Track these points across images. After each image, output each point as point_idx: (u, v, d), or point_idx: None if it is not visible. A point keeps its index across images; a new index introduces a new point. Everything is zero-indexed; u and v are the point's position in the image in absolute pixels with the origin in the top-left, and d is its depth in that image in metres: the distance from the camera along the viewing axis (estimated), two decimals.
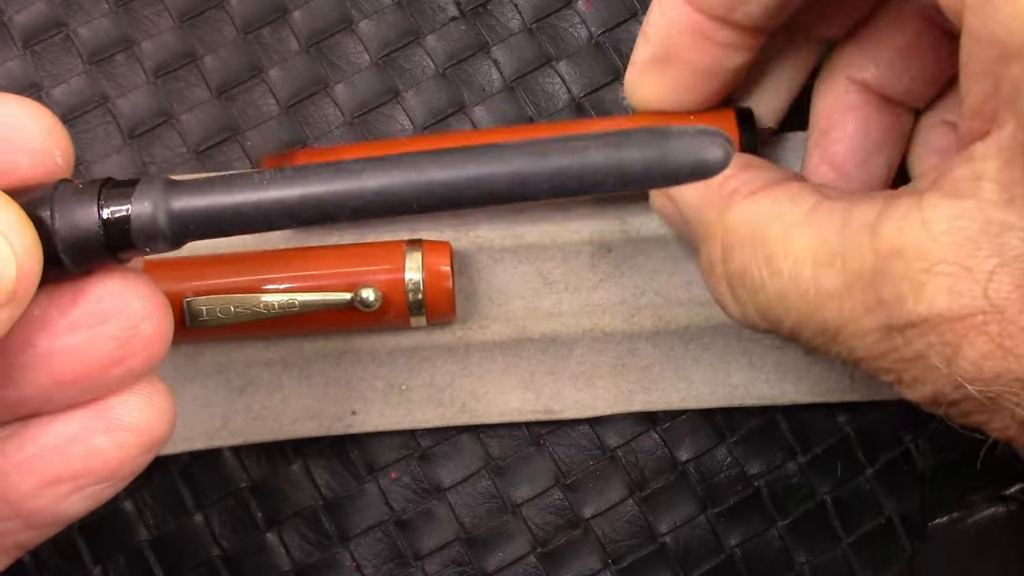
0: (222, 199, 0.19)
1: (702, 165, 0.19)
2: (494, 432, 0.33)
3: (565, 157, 0.19)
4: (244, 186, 0.19)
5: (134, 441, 0.21)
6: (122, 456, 0.21)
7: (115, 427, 0.21)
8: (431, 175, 0.19)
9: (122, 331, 0.20)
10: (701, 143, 0.19)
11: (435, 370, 0.33)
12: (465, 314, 0.33)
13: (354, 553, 0.33)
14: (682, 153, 0.19)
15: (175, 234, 0.19)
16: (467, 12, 0.36)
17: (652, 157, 0.19)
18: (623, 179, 0.19)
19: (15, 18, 0.35)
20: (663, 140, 0.19)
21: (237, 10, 0.35)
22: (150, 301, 0.21)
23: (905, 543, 0.33)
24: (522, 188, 0.19)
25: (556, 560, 0.33)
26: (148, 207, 0.19)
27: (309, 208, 0.19)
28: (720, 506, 0.33)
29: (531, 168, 0.19)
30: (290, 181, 0.19)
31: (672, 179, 0.19)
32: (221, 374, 0.33)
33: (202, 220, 0.19)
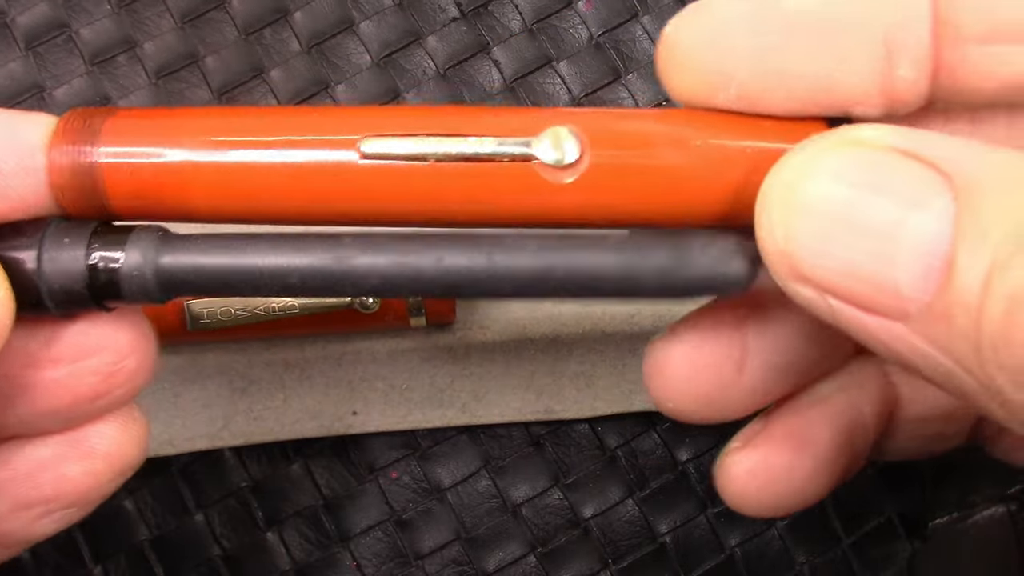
0: (217, 261, 0.18)
1: (723, 284, 0.18)
2: (494, 432, 0.34)
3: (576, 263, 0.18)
4: (241, 252, 0.18)
5: (106, 468, 0.21)
6: (92, 483, 0.21)
7: (88, 455, 0.21)
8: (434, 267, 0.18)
9: (106, 366, 0.20)
10: (724, 260, 0.18)
11: (435, 371, 0.33)
12: (465, 315, 0.33)
13: (354, 553, 0.33)
14: (702, 270, 0.18)
15: (163, 291, 0.19)
16: (468, 13, 0.36)
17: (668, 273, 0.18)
18: (636, 292, 0.18)
19: (18, 19, 0.35)
20: (683, 254, 0.18)
21: (238, 11, 0.35)
22: (135, 335, 0.20)
23: (905, 543, 0.33)
24: (525, 291, 0.18)
25: (556, 560, 0.33)
26: (138, 262, 0.18)
27: (306, 286, 0.18)
28: (720, 506, 0.33)
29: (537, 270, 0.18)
30: (291, 253, 0.18)
31: (685, 295, 0.18)
32: (222, 375, 0.33)
33: (193, 281, 0.18)
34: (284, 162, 0.19)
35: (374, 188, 0.19)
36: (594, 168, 0.18)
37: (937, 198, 0.16)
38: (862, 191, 0.16)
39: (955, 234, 0.15)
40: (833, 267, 0.17)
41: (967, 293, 0.15)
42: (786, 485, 0.21)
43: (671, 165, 0.19)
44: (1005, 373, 0.15)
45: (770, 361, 0.21)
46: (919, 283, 0.16)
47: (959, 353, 0.16)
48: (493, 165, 0.18)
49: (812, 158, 0.17)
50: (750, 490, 0.22)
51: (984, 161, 0.16)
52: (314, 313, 0.31)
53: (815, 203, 0.17)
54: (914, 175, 0.16)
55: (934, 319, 0.16)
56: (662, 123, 0.19)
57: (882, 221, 0.16)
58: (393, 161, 0.18)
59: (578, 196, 0.19)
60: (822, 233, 0.17)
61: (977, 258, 0.15)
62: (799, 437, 0.21)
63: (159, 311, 0.31)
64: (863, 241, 0.16)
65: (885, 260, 0.16)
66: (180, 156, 0.19)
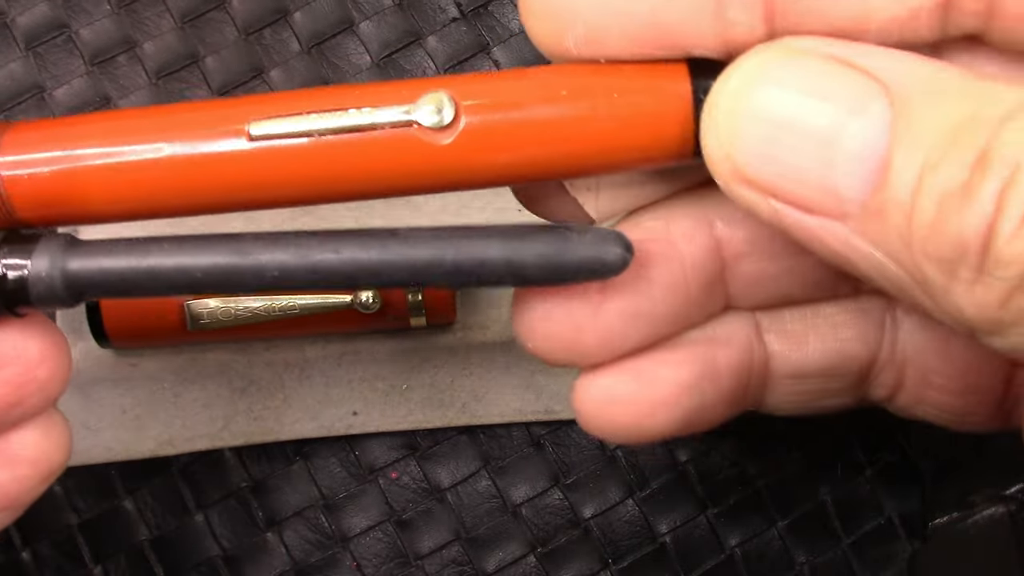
0: (122, 263, 0.19)
1: (600, 268, 0.20)
2: (494, 432, 0.34)
3: (463, 251, 0.19)
4: (146, 252, 0.19)
5: (32, 473, 0.21)
6: (19, 489, 0.21)
7: (12, 462, 0.21)
8: (331, 259, 0.19)
9: (17, 376, 0.20)
10: (600, 246, 0.19)
11: (435, 371, 0.33)
12: (465, 315, 0.33)
13: (354, 553, 0.33)
14: (580, 256, 0.19)
15: (72, 295, 0.19)
16: (468, 13, 0.36)
17: (549, 260, 0.19)
18: (521, 279, 0.20)
19: (17, 20, 0.35)
20: (562, 242, 0.19)
21: (238, 11, 0.35)
22: (45, 344, 0.21)
23: (905, 543, 0.33)
24: (419, 279, 0.20)
25: (556, 560, 0.33)
26: (45, 267, 0.19)
27: (211, 282, 0.19)
28: (720, 506, 0.33)
29: (428, 260, 0.19)
30: (193, 252, 0.19)
31: (568, 280, 0.20)
32: (222, 375, 0.33)
33: (100, 284, 0.19)
34: (176, 155, 0.19)
35: (265, 170, 0.20)
36: (470, 127, 0.19)
37: (875, 104, 0.17)
38: (804, 97, 0.18)
39: (891, 138, 0.17)
40: (776, 170, 0.18)
41: (901, 192, 0.17)
42: (623, 414, 0.23)
43: (541, 118, 0.19)
44: (932, 263, 0.17)
45: (626, 308, 0.22)
46: (857, 184, 0.17)
47: (892, 248, 0.17)
48: (376, 134, 0.19)
49: (757, 67, 0.18)
50: (593, 412, 0.23)
51: (916, 71, 0.18)
52: (314, 313, 0.31)
53: (760, 109, 0.18)
54: (853, 83, 0.18)
55: (870, 217, 0.17)
56: (530, 79, 0.20)
57: (823, 126, 0.17)
58: (281, 141, 0.19)
59: (458, 155, 0.20)
60: (766, 138, 0.18)
61: (911, 160, 0.17)
62: (644, 374, 0.23)
63: (159, 311, 0.31)
64: (805, 145, 0.18)
65: (826, 163, 0.17)
66: (76, 161, 0.19)
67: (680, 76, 0.20)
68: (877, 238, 0.17)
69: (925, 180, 0.16)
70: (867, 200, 0.17)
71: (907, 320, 0.24)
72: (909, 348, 0.24)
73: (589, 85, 0.20)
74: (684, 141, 0.20)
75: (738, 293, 0.23)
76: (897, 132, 0.17)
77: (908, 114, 0.17)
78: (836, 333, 0.24)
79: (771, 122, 0.18)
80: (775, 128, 0.18)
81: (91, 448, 0.32)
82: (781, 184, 0.18)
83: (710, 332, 0.23)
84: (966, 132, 0.16)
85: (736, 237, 0.22)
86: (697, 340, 0.23)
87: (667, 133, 0.20)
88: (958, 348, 0.23)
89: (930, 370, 0.24)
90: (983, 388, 0.24)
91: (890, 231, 0.17)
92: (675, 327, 0.23)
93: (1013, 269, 0.16)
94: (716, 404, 0.24)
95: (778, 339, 0.24)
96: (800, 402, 0.25)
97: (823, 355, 0.24)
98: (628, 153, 0.20)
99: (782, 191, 0.18)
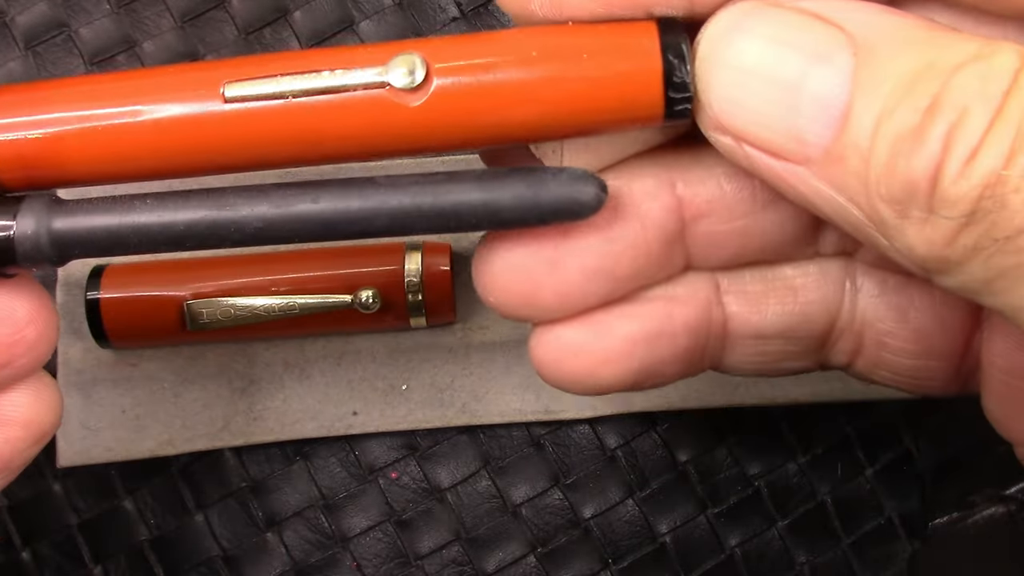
0: (106, 221, 0.19)
1: (576, 207, 0.20)
2: (494, 432, 0.34)
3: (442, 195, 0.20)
4: (129, 209, 0.19)
5: (24, 435, 0.22)
6: (12, 450, 0.22)
7: (5, 424, 0.22)
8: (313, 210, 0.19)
9: (6, 336, 0.21)
10: (574, 186, 0.20)
11: (435, 371, 0.33)
12: (465, 315, 0.33)
13: (354, 553, 0.33)
14: (555, 196, 0.20)
15: (58, 254, 0.20)
16: (467, 12, 0.36)
17: (526, 200, 0.20)
18: (499, 221, 0.20)
19: (17, 19, 0.35)
20: (537, 183, 0.20)
21: (238, 10, 0.35)
22: (33, 306, 0.21)
23: (905, 543, 0.33)
24: (398, 225, 0.20)
25: (556, 560, 0.33)
26: (31, 225, 0.19)
27: (193, 235, 0.19)
28: (720, 506, 0.33)
29: (406, 206, 0.20)
30: (175, 207, 0.19)
31: (544, 220, 0.20)
32: (222, 375, 0.33)
33: (85, 241, 0.20)
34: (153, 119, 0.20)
35: (240, 131, 0.20)
36: (440, 89, 0.20)
37: (839, 53, 0.18)
38: (772, 46, 0.19)
39: (852, 86, 0.18)
40: (746, 116, 0.19)
41: (860, 137, 0.18)
42: (577, 363, 0.23)
43: (512, 79, 0.20)
44: (887, 204, 0.18)
45: (583, 265, 0.22)
46: (819, 130, 0.18)
47: (851, 190, 0.18)
48: (349, 96, 0.20)
49: (731, 18, 0.19)
50: (547, 360, 0.23)
51: (881, 23, 0.18)
52: (314, 313, 0.31)
53: (731, 57, 0.19)
54: (819, 32, 0.18)
55: (831, 161, 0.18)
56: (500, 40, 0.20)
57: (789, 74, 0.18)
58: (256, 103, 0.20)
59: (429, 116, 0.20)
60: (736, 84, 0.19)
61: (870, 106, 0.17)
62: (599, 326, 0.23)
63: (159, 311, 0.31)
64: (772, 92, 0.19)
65: (791, 109, 0.18)
66: (56, 125, 0.20)
67: (649, 35, 0.20)
68: (838, 181, 0.18)
69: (882, 125, 0.17)
70: (829, 145, 0.18)
71: (866, 283, 0.24)
72: (868, 312, 0.24)
73: (559, 46, 0.20)
74: (653, 101, 0.20)
75: (698, 253, 0.24)
76: (859, 80, 0.18)
77: (870, 63, 0.18)
78: (796, 296, 0.24)
79: (741, 69, 0.19)
80: (744, 75, 0.19)
81: (91, 448, 0.32)
82: (750, 129, 0.19)
83: (669, 291, 0.24)
84: (922, 79, 0.17)
85: (697, 197, 0.23)
86: (655, 297, 0.24)
87: (637, 93, 0.20)
88: (916, 312, 0.24)
89: (888, 334, 0.24)
90: (941, 352, 0.24)
91: (849, 175, 0.18)
92: (634, 285, 0.23)
93: (958, 208, 0.17)
94: (671, 361, 0.24)
95: (737, 300, 0.24)
96: (759, 363, 0.26)
97: (782, 317, 0.24)
98: (598, 114, 0.20)
99: (751, 136, 0.19)
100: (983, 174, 0.16)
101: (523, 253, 0.22)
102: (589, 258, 0.22)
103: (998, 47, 0.17)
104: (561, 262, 0.22)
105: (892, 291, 0.24)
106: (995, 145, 0.16)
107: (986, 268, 0.17)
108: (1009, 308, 0.18)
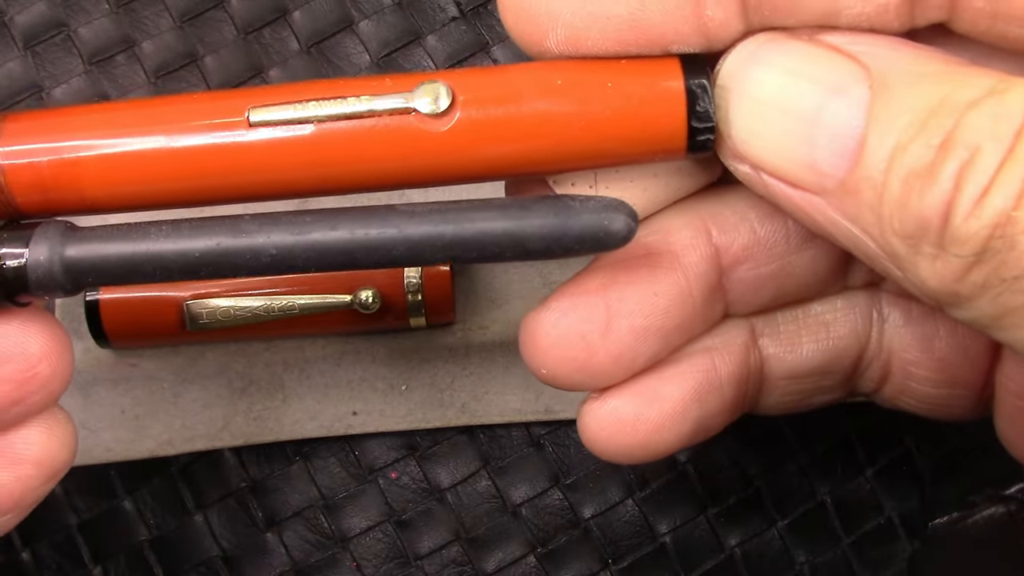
0: (120, 248, 0.19)
1: (605, 237, 0.19)
2: (494, 432, 0.33)
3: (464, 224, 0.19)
4: (143, 236, 0.19)
5: (36, 473, 0.21)
6: (23, 489, 0.21)
7: (16, 462, 0.21)
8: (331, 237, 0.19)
9: (19, 373, 0.20)
10: (604, 214, 0.19)
11: (435, 371, 0.33)
12: (465, 315, 0.33)
13: (354, 553, 0.33)
14: (584, 224, 0.19)
15: (71, 282, 0.19)
16: (467, 12, 0.36)
17: (553, 229, 0.19)
18: (524, 251, 0.19)
19: (16, 18, 0.35)
20: (565, 211, 0.19)
21: (237, 10, 0.35)
22: (47, 341, 0.20)
23: (905, 543, 0.33)
24: (418, 255, 0.19)
25: (556, 560, 0.33)
26: (44, 252, 0.19)
27: (208, 263, 0.19)
28: (720, 506, 0.33)
29: (429, 236, 0.19)
30: (190, 234, 0.19)
31: (571, 251, 0.20)
32: (222, 375, 0.33)
33: (98, 269, 0.19)
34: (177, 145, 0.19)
35: (265, 157, 0.20)
36: (466, 115, 0.20)
37: (855, 86, 0.18)
38: (790, 78, 0.19)
39: (868, 119, 0.18)
40: (764, 146, 0.19)
41: (874, 170, 0.18)
42: (631, 435, 0.23)
43: (537, 108, 0.20)
44: (899, 238, 0.18)
45: (634, 325, 0.22)
46: (835, 161, 0.18)
47: (865, 222, 0.18)
48: (374, 121, 0.20)
49: (750, 49, 0.19)
50: (601, 436, 0.23)
51: (897, 56, 0.18)
52: (314, 313, 0.31)
53: (750, 88, 0.19)
54: (836, 65, 0.19)
55: (846, 193, 0.18)
56: (527, 71, 0.20)
57: (806, 105, 0.18)
58: (281, 128, 0.19)
59: (455, 144, 0.20)
60: (755, 115, 0.19)
61: (884, 141, 0.17)
62: (648, 392, 0.23)
63: (158, 311, 0.31)
64: (789, 123, 0.19)
65: (808, 140, 0.18)
66: (76, 152, 0.19)
67: (673, 67, 0.20)
68: (852, 213, 0.18)
69: (895, 160, 0.17)
70: (844, 177, 0.18)
71: (892, 313, 0.24)
72: (895, 341, 0.24)
73: (584, 77, 0.20)
74: (677, 132, 0.20)
75: (736, 299, 0.24)
76: (874, 113, 0.18)
77: (886, 96, 0.18)
78: (828, 331, 0.24)
79: (759, 100, 0.19)
80: (763, 105, 0.19)
81: (91, 448, 0.32)
82: (769, 159, 0.19)
83: (708, 342, 0.24)
84: (936, 115, 0.17)
85: (734, 244, 0.23)
86: (696, 352, 0.23)
87: (661, 123, 0.20)
88: (941, 341, 0.24)
89: (913, 363, 0.24)
90: (965, 381, 0.24)
91: (863, 207, 0.18)
92: (681, 340, 0.23)
93: (968, 246, 0.17)
94: (719, 413, 0.24)
95: (772, 342, 0.24)
96: (794, 401, 0.26)
97: (816, 354, 0.24)
98: (622, 145, 0.20)
99: (770, 165, 0.19)
100: (993, 214, 0.16)
101: (573, 320, 0.22)
102: (638, 317, 0.22)
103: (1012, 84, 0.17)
104: (612, 324, 0.22)
105: (917, 321, 0.24)
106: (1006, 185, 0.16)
107: (995, 305, 0.17)
108: (1019, 343, 0.18)
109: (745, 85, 0.19)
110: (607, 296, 0.22)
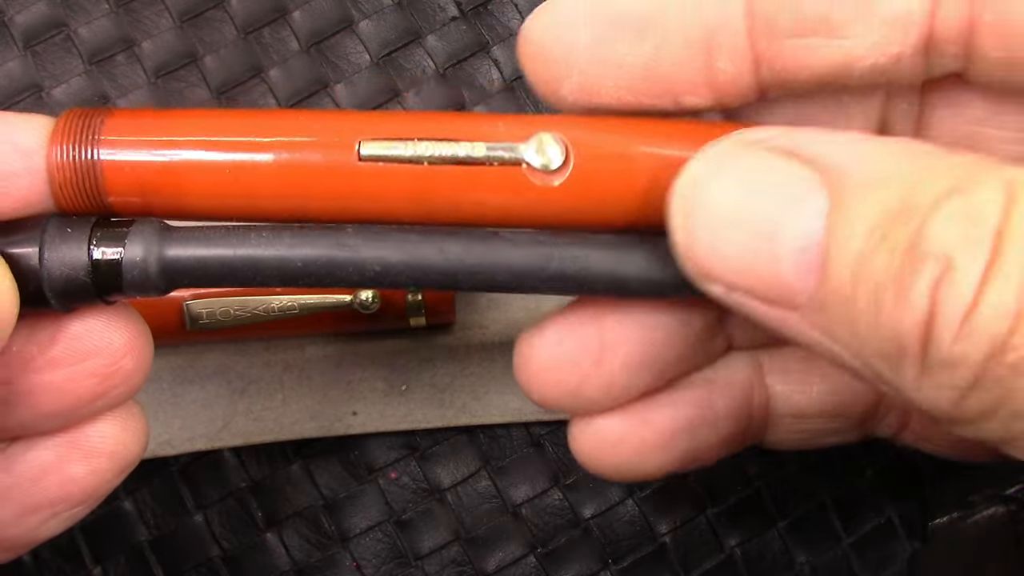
0: (219, 251, 0.19)
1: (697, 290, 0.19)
2: (494, 432, 0.33)
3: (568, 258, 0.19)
4: (243, 241, 0.19)
5: (109, 466, 0.21)
6: (97, 481, 0.21)
7: (91, 454, 0.21)
8: (435, 258, 0.19)
9: (103, 367, 0.20)
10: None
11: (435, 371, 0.33)
12: (465, 315, 0.33)
13: (354, 553, 0.33)
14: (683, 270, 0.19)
15: (167, 282, 0.19)
16: (467, 12, 0.36)
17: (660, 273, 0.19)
18: (621, 290, 0.19)
19: (16, 18, 0.35)
20: (667, 253, 0.19)
21: (237, 10, 0.35)
22: (131, 334, 0.21)
23: (905, 543, 0.33)
24: (518, 283, 0.19)
25: (556, 560, 0.33)
26: (140, 252, 0.19)
27: (309, 273, 0.19)
28: (720, 506, 0.33)
29: (531, 265, 0.19)
30: (292, 242, 0.19)
31: (669, 293, 0.19)
32: (222, 376, 0.33)
33: (196, 271, 0.19)
34: (283, 163, 0.19)
35: (370, 189, 0.19)
36: (579, 172, 0.19)
37: (813, 196, 0.17)
38: (747, 192, 0.18)
39: (828, 229, 0.16)
40: (729, 264, 0.18)
41: (841, 284, 0.16)
42: (617, 454, 0.23)
43: (655, 165, 0.19)
44: (879, 358, 0.16)
45: (628, 356, 0.22)
46: (803, 275, 0.17)
47: (842, 339, 0.17)
48: (484, 168, 0.19)
49: (706, 162, 0.18)
50: (585, 451, 0.23)
51: (856, 154, 0.17)
52: (314, 313, 0.31)
53: (708, 205, 0.18)
54: (793, 175, 0.17)
55: (817, 309, 0.17)
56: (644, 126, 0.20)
57: (765, 220, 0.17)
58: (389, 163, 0.19)
59: (565, 199, 0.19)
60: (716, 232, 0.18)
61: (846, 251, 0.16)
62: (635, 416, 0.23)
63: (158, 311, 0.31)
64: (751, 239, 0.17)
65: (771, 256, 0.17)
66: (181, 156, 0.19)
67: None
68: (827, 329, 0.17)
69: (860, 272, 0.16)
70: (813, 292, 0.17)
71: None
72: None
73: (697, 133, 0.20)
74: None
75: (740, 334, 0.23)
76: (834, 222, 0.16)
77: (843, 204, 0.16)
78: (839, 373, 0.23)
79: (717, 216, 0.18)
80: (722, 222, 0.18)
81: None
82: (734, 278, 0.18)
83: (710, 375, 0.23)
84: (896, 221, 0.16)
85: None
86: (695, 383, 0.23)
87: None
88: None
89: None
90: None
91: (836, 324, 0.17)
92: (676, 372, 0.23)
93: (959, 374, 0.15)
94: (714, 445, 0.24)
95: (780, 379, 0.24)
96: (802, 440, 0.25)
97: (827, 395, 0.24)
98: None
99: (737, 283, 0.18)
100: (987, 337, 0.15)
101: (568, 347, 0.22)
102: (633, 350, 0.22)
103: (979, 176, 0.16)
104: (606, 354, 0.21)
105: None
106: (996, 303, 0.15)
107: (1006, 430, 0.16)
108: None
109: (703, 202, 0.18)
110: (603, 324, 0.22)
